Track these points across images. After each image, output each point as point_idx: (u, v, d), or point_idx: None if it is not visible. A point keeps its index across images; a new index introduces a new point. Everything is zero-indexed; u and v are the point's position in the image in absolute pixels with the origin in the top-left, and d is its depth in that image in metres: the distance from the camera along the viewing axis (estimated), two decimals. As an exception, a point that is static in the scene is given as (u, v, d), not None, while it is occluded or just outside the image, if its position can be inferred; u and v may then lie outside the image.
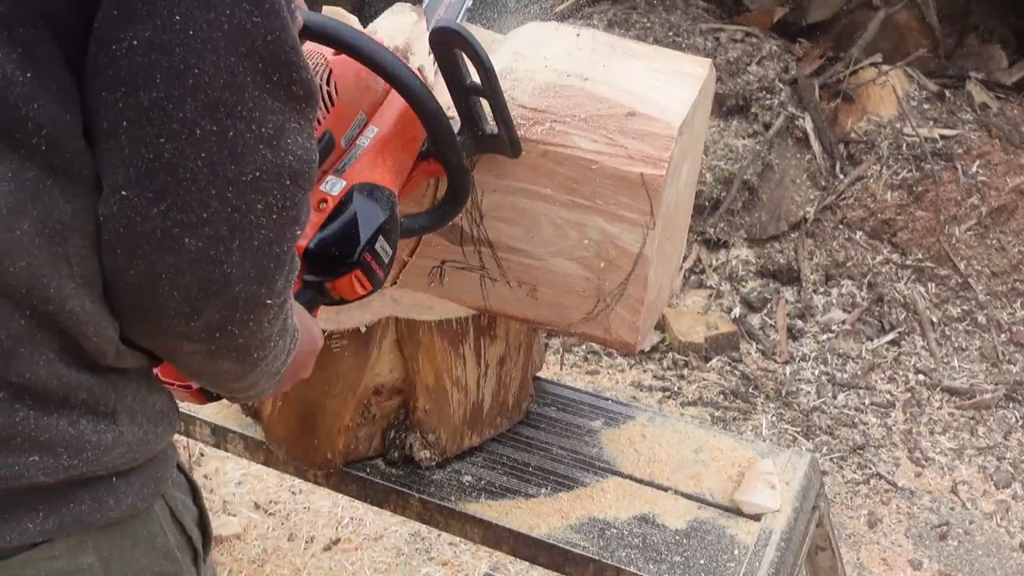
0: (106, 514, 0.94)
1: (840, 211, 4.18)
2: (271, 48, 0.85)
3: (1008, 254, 4.06)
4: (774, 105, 4.35)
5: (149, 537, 1.00)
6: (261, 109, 0.86)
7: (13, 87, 0.81)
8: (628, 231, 1.49)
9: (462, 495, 1.69)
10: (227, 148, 0.84)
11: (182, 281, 0.87)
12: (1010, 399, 3.62)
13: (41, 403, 0.88)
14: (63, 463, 0.89)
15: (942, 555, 2.97)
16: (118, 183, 0.84)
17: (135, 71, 0.81)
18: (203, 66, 0.82)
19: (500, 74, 1.56)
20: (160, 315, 0.90)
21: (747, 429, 3.40)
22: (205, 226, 0.85)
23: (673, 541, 1.62)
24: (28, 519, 0.90)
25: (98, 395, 0.92)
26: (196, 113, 0.82)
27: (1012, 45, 4.84)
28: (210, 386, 1.07)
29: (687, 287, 4.05)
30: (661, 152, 1.45)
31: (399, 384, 1.69)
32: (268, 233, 0.89)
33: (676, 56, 1.64)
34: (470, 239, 1.59)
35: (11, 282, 0.83)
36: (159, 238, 0.85)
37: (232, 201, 0.85)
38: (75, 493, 0.92)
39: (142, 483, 0.98)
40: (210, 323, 0.91)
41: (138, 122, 0.82)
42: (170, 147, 0.83)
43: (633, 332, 1.57)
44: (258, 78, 0.85)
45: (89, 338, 0.89)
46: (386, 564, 2.74)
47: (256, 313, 0.93)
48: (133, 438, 0.95)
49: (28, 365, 0.86)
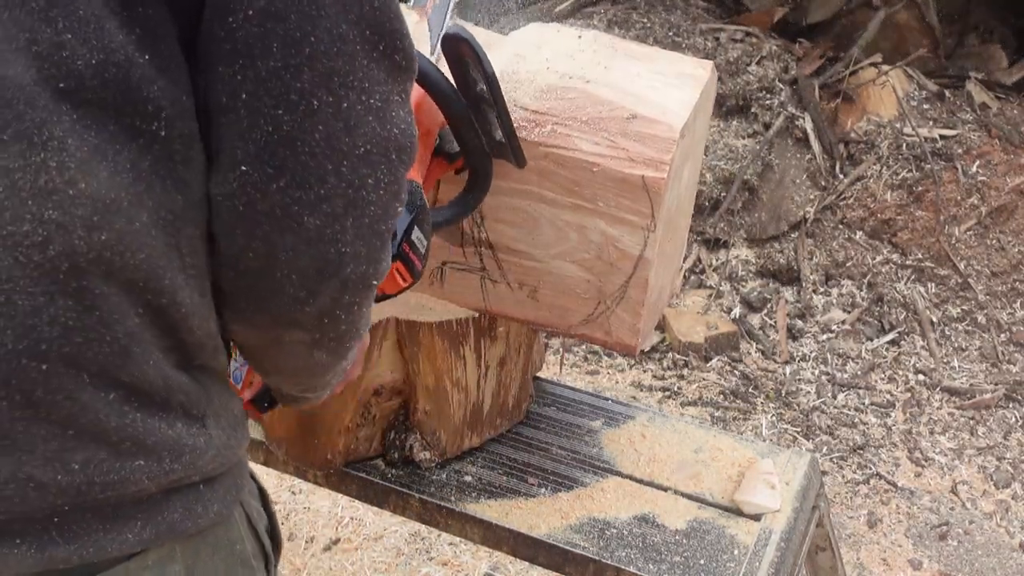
0: (196, 522, 0.94)
1: (840, 211, 4.18)
2: (378, 15, 0.84)
3: (1008, 254, 4.06)
4: (774, 105, 4.35)
5: (228, 544, 1.00)
6: (370, 79, 0.85)
7: (135, 68, 0.79)
8: (629, 233, 1.49)
9: (462, 495, 1.69)
10: (341, 120, 0.83)
11: (300, 262, 0.86)
12: (1010, 399, 3.63)
13: (146, 405, 0.87)
14: (165, 467, 0.89)
15: (942, 555, 2.98)
16: (237, 158, 0.83)
17: (251, 41, 0.80)
18: (318, 33, 0.81)
19: (501, 76, 1.56)
20: (276, 300, 0.89)
21: (747, 429, 3.41)
22: (323, 203, 0.84)
23: (673, 541, 1.63)
24: (128, 529, 0.89)
25: (193, 398, 0.91)
26: (313, 83, 0.81)
27: (1012, 45, 4.85)
28: (293, 384, 1.06)
29: (687, 287, 4.05)
30: (663, 155, 1.45)
31: (399, 385, 1.70)
32: (376, 210, 0.88)
33: (678, 58, 1.64)
34: (471, 240, 1.59)
35: (131, 276, 0.82)
36: (279, 216, 0.84)
37: (347, 176, 0.85)
38: (169, 501, 0.92)
39: (225, 490, 0.97)
40: (322, 307, 0.90)
41: (256, 93, 0.81)
42: (288, 119, 0.82)
43: (634, 334, 1.57)
44: (366, 46, 0.84)
45: (193, 331, 0.89)
46: (386, 564, 2.75)
47: (362, 295, 0.93)
48: (220, 442, 0.95)
49: (139, 365, 0.85)
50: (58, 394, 0.82)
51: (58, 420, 0.82)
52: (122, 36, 0.78)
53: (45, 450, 0.83)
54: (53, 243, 0.78)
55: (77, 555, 0.86)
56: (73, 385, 0.82)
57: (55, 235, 0.78)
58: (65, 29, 0.76)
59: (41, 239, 0.78)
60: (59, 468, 0.83)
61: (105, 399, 0.84)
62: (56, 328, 0.80)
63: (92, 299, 0.81)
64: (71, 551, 0.86)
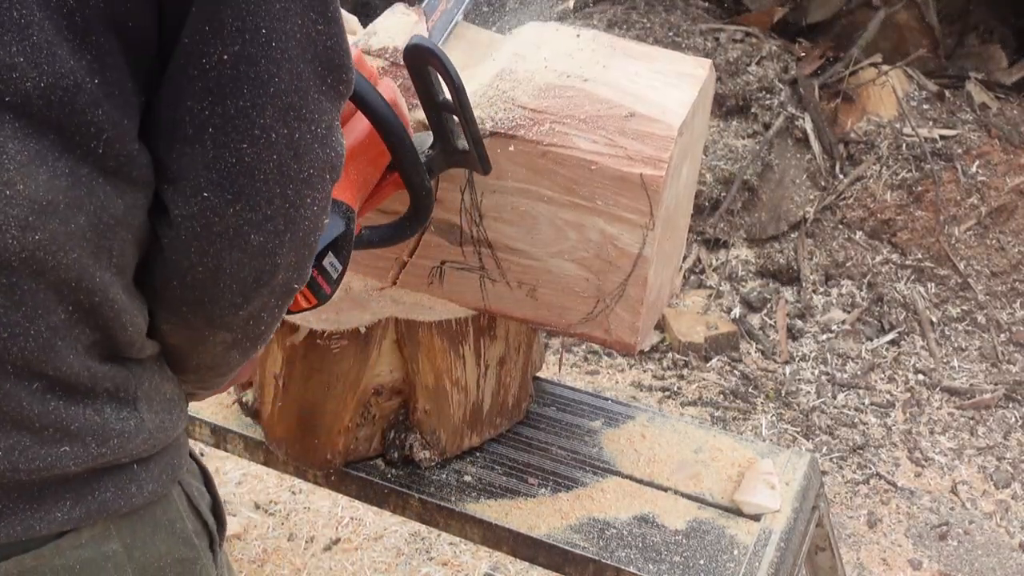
0: (129, 501, 0.97)
1: (840, 211, 4.18)
2: (329, 53, 0.91)
3: (1008, 254, 4.06)
4: (774, 105, 4.35)
5: (168, 523, 1.03)
6: (319, 110, 0.92)
7: (82, 93, 0.83)
8: (628, 232, 1.49)
9: (462, 495, 1.69)
10: (293, 149, 0.90)
11: (242, 274, 0.93)
12: (1010, 399, 3.62)
13: (70, 394, 0.91)
14: (91, 452, 0.92)
15: (942, 555, 2.98)
16: (200, 185, 0.89)
17: (223, 82, 0.86)
18: (281, 74, 0.88)
19: (500, 74, 1.56)
20: (215, 306, 0.96)
21: (747, 429, 3.40)
22: (268, 222, 0.91)
23: (673, 541, 1.62)
24: (57, 508, 0.92)
25: (120, 384, 0.95)
26: (273, 119, 0.88)
27: (1012, 45, 4.84)
28: (193, 382, 1.10)
29: (687, 287, 4.05)
30: (661, 153, 1.45)
31: (399, 384, 1.69)
32: (309, 224, 0.95)
33: (676, 57, 1.64)
34: (470, 240, 1.59)
35: (63, 275, 0.86)
36: (231, 236, 0.91)
37: (291, 198, 0.92)
38: (100, 481, 0.95)
39: (160, 470, 1.01)
40: (252, 311, 0.98)
41: (223, 129, 0.87)
42: (251, 151, 0.88)
43: (633, 332, 1.57)
44: (317, 81, 0.91)
45: (125, 328, 0.93)
46: (386, 564, 2.74)
47: (284, 301, 1.01)
48: (152, 425, 0.98)
49: (63, 357, 0.89)
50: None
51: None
52: (72, 62, 0.83)
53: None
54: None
55: (4, 533, 0.90)
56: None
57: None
58: (18, 52, 0.81)
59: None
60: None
61: (28, 388, 0.88)
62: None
63: (20, 295, 0.85)
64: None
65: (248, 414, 1.83)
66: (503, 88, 1.53)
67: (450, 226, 1.59)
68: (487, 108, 1.52)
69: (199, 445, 2.96)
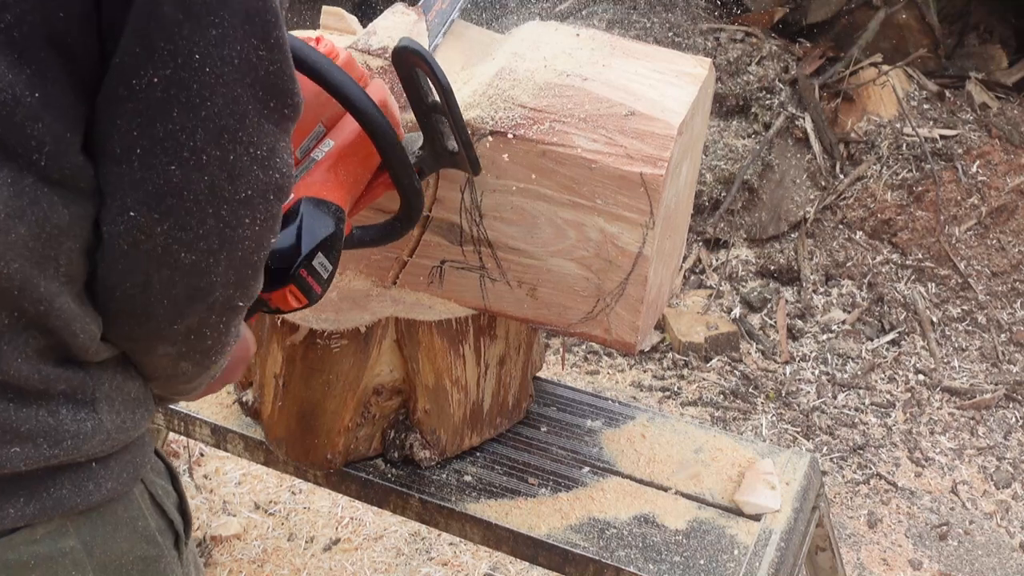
0: (86, 498, 0.97)
1: (840, 211, 4.18)
2: (272, 78, 0.91)
3: (1008, 254, 4.06)
4: (774, 105, 4.35)
5: (130, 521, 1.03)
6: (258, 133, 0.91)
7: (20, 107, 0.84)
8: (628, 231, 1.49)
9: (462, 495, 1.69)
10: (226, 170, 0.90)
11: (173, 291, 0.93)
12: (1010, 399, 3.62)
13: (20, 396, 0.91)
14: (43, 452, 0.93)
15: (942, 555, 2.97)
16: (127, 204, 0.89)
17: (152, 105, 0.86)
18: (214, 99, 0.87)
19: (499, 73, 1.56)
20: (148, 320, 0.95)
21: (747, 429, 3.40)
22: (200, 241, 0.91)
23: (673, 541, 1.62)
24: (9, 505, 0.93)
25: (77, 385, 0.95)
26: (205, 141, 0.88)
27: (1012, 45, 4.84)
28: (160, 387, 1.09)
29: (687, 287, 4.05)
30: (660, 152, 1.45)
31: (399, 384, 1.69)
32: (250, 244, 0.95)
33: (676, 56, 1.64)
34: (470, 239, 1.59)
35: (3, 284, 0.86)
36: (159, 254, 0.90)
37: (225, 218, 0.91)
38: (55, 479, 0.95)
39: (121, 468, 1.01)
40: (190, 326, 0.97)
41: (151, 151, 0.87)
42: (179, 173, 0.88)
43: (633, 332, 1.57)
44: (258, 105, 0.90)
45: (76, 335, 0.93)
46: (386, 564, 2.74)
47: (229, 316, 1.00)
48: (112, 425, 0.98)
49: (9, 362, 0.89)
50: None
51: None
52: (11, 76, 0.83)
53: None
54: None
55: None
56: None
57: None
58: None
59: None
60: None
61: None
62: None
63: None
64: None
65: (248, 414, 1.83)
66: (503, 87, 1.53)
67: (450, 225, 1.59)
68: (487, 107, 1.52)
69: (199, 445, 2.96)
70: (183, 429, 1.88)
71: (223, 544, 2.75)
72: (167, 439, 2.63)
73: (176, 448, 3.03)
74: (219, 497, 2.92)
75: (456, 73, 1.62)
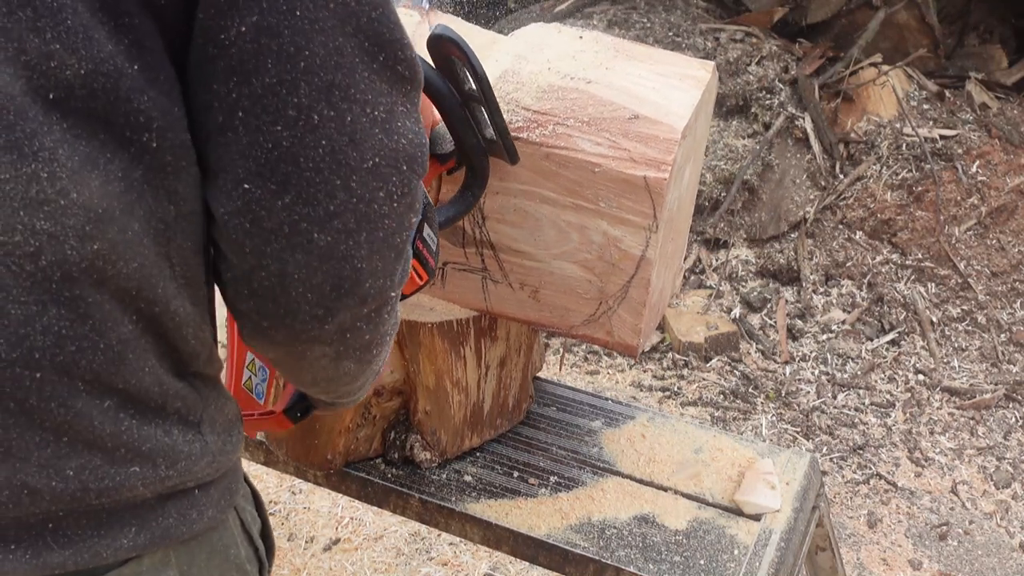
0: (190, 527, 0.94)
1: (840, 211, 4.18)
2: (376, 26, 0.83)
3: (1008, 254, 4.06)
4: (774, 105, 4.35)
5: (223, 549, 1.00)
6: (372, 91, 0.84)
7: (124, 78, 0.78)
8: (631, 234, 1.49)
9: (462, 495, 1.69)
10: (346, 134, 0.82)
11: (314, 280, 0.85)
12: (1010, 399, 3.63)
13: (142, 412, 0.87)
14: (160, 473, 0.89)
15: (942, 555, 2.98)
16: (239, 176, 0.82)
17: (245, 58, 0.79)
18: (313, 47, 0.80)
19: (503, 76, 1.56)
20: (294, 319, 0.88)
21: (747, 429, 3.41)
22: (333, 219, 0.83)
23: (673, 541, 1.63)
24: (123, 535, 0.89)
25: (190, 404, 0.92)
26: (311, 98, 0.80)
27: (1012, 45, 4.85)
28: (323, 392, 1.05)
29: (687, 287, 4.05)
30: (664, 155, 1.45)
31: (399, 385, 1.70)
32: (391, 223, 0.87)
33: (679, 59, 1.64)
34: (472, 241, 1.59)
35: (123, 284, 0.83)
36: (287, 233, 0.83)
37: (357, 191, 0.83)
38: (164, 507, 0.92)
39: (219, 495, 0.97)
40: (342, 323, 0.90)
41: (253, 111, 0.80)
42: (288, 135, 0.81)
43: (635, 334, 1.57)
44: (366, 58, 0.83)
45: (188, 340, 0.90)
46: (386, 564, 2.75)
47: (383, 307, 0.92)
48: (215, 448, 0.95)
49: (134, 372, 0.85)
50: (52, 402, 0.82)
51: (52, 427, 0.83)
52: (111, 46, 0.77)
53: (39, 457, 0.83)
54: (45, 253, 0.78)
55: (72, 560, 0.86)
56: (67, 393, 0.82)
57: (47, 245, 0.78)
58: (54, 39, 0.76)
59: (33, 249, 0.78)
60: (53, 475, 0.84)
61: (100, 406, 0.84)
62: (49, 337, 0.80)
63: (85, 307, 0.81)
64: (66, 557, 0.86)
65: (249, 414, 1.83)
66: (506, 90, 1.53)
67: (452, 228, 1.59)
68: (490, 110, 1.52)
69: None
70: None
71: (223, 543, 2.76)
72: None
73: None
74: (219, 496, 2.93)
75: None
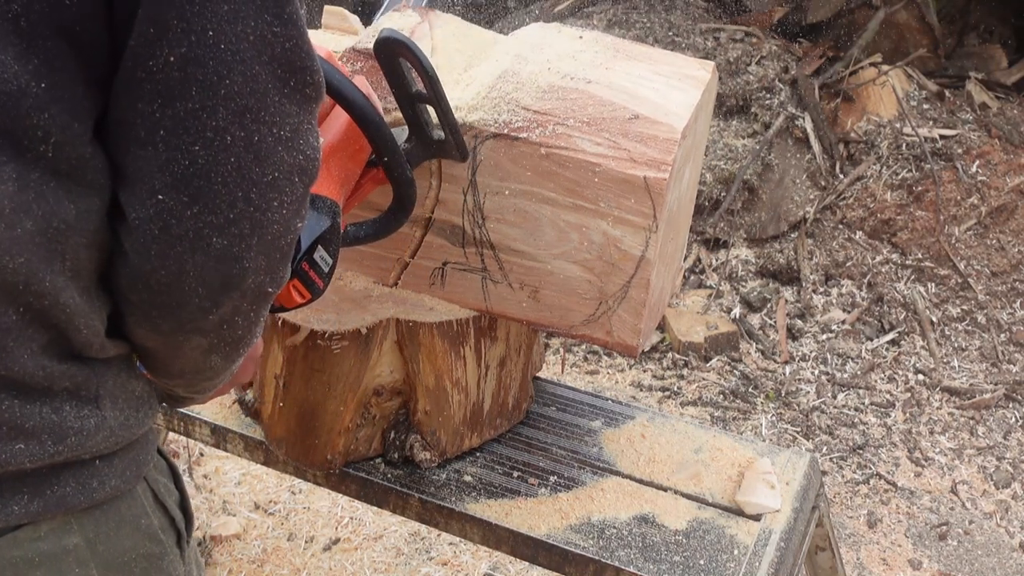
0: (90, 496, 0.98)
1: (840, 211, 4.18)
2: (289, 55, 0.91)
3: (1008, 254, 4.06)
4: (774, 105, 4.35)
5: (133, 519, 1.04)
6: (281, 113, 0.92)
7: (27, 97, 0.84)
8: (631, 234, 1.49)
9: (462, 495, 1.69)
10: (252, 152, 0.90)
11: (208, 277, 0.93)
12: (1010, 399, 3.63)
13: (24, 393, 0.92)
14: (47, 449, 0.93)
15: (942, 555, 2.98)
16: (154, 187, 0.89)
17: (172, 84, 0.86)
18: (233, 76, 0.87)
19: (503, 76, 1.56)
20: (182, 311, 0.95)
21: (747, 429, 3.41)
22: (231, 226, 0.91)
23: (673, 541, 1.63)
24: (13, 502, 0.94)
25: (81, 382, 0.96)
26: (227, 121, 0.88)
27: (1012, 45, 4.85)
28: (185, 385, 1.10)
29: (687, 287, 4.05)
30: (664, 155, 1.45)
31: (399, 385, 1.69)
32: (279, 228, 0.95)
33: (679, 59, 1.64)
34: (472, 241, 1.59)
35: (8, 278, 0.87)
36: (191, 239, 0.90)
37: (255, 201, 0.92)
38: (59, 476, 0.96)
39: (124, 466, 1.02)
40: (223, 315, 0.97)
41: (175, 131, 0.87)
42: (204, 153, 0.88)
43: (635, 334, 1.57)
44: (278, 84, 0.91)
45: (79, 330, 0.94)
46: (386, 564, 2.75)
47: (259, 303, 1.00)
48: (115, 422, 0.99)
49: (15, 358, 0.90)
50: None
51: None
52: (17, 67, 0.84)
53: None
54: None
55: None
56: None
57: None
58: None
59: None
60: None
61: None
62: None
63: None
64: None
65: (248, 414, 1.83)
66: (506, 90, 1.53)
67: (452, 227, 1.59)
68: (490, 110, 1.52)
69: (199, 445, 2.96)
70: (183, 429, 1.89)
71: (223, 544, 2.76)
72: (167, 439, 2.63)
73: (176, 448, 3.03)
74: (219, 497, 2.93)
75: (459, 75, 1.62)
